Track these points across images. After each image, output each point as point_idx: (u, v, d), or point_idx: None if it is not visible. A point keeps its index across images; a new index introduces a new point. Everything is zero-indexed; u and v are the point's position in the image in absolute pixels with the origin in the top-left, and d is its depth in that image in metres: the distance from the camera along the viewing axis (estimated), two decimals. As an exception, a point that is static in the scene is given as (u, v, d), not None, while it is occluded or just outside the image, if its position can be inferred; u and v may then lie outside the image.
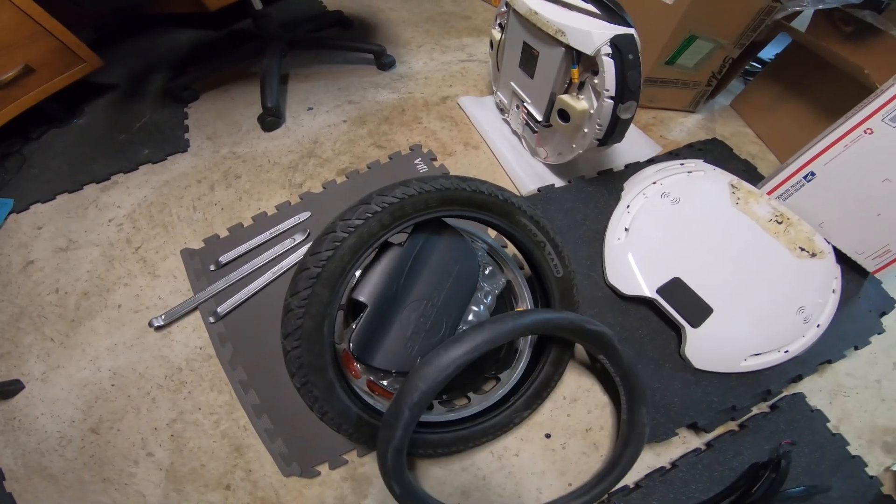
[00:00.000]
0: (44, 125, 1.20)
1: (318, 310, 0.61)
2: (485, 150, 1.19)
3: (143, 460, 0.78)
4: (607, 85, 0.82)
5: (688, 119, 1.33)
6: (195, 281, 0.93)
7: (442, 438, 0.75)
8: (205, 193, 1.08)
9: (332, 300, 0.62)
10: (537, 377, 0.82)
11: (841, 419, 0.88)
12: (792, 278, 0.90)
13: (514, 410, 0.80)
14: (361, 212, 0.61)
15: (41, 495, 0.75)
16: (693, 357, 0.85)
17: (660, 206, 0.96)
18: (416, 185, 0.65)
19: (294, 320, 0.60)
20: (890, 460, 0.85)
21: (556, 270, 0.78)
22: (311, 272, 0.60)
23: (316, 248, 0.61)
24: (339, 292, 0.62)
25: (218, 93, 1.30)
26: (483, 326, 0.61)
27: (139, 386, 0.84)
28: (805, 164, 0.96)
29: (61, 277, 0.96)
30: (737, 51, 1.17)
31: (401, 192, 0.64)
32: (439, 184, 0.66)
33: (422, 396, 0.57)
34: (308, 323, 0.61)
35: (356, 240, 0.61)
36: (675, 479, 0.78)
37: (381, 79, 1.35)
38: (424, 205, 0.65)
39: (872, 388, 0.93)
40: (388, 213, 0.63)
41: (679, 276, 0.89)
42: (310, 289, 0.60)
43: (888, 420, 0.89)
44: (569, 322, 0.70)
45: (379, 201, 0.62)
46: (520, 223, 0.74)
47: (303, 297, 0.60)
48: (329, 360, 0.64)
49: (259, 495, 0.76)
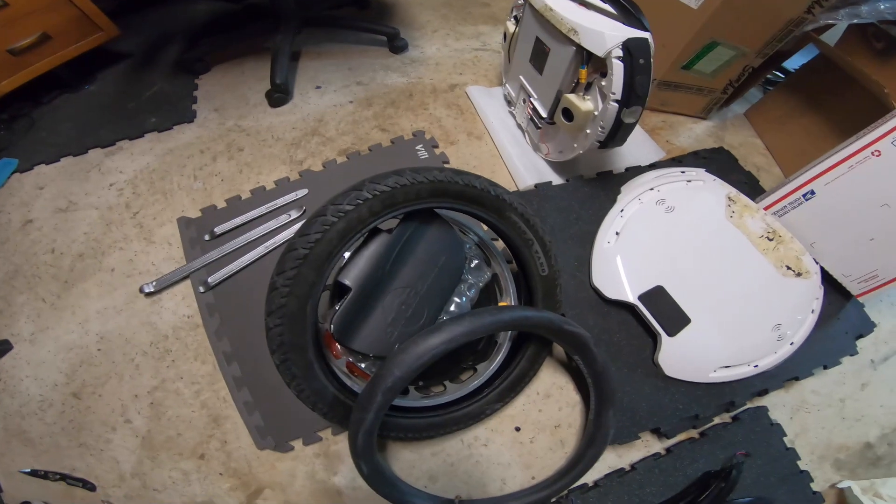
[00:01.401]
0: (56, 90, 1.15)
1: (302, 290, 0.59)
2: (487, 142, 1.13)
3: (121, 427, 0.76)
4: (614, 88, 0.77)
5: (698, 125, 1.26)
6: (189, 249, 0.90)
7: (415, 423, 0.73)
8: (207, 164, 1.04)
9: (316, 282, 0.60)
10: (513, 371, 0.80)
11: (798, 434, 0.87)
12: (773, 296, 0.87)
13: (487, 402, 0.78)
14: (353, 198, 0.59)
15: (17, 459, 0.73)
16: (665, 364, 0.83)
17: (653, 214, 0.92)
18: (410, 175, 0.62)
19: (278, 299, 0.59)
20: (838, 477, 0.85)
21: (542, 269, 0.76)
22: (298, 253, 0.58)
23: (305, 230, 0.59)
24: (325, 275, 0.60)
25: (229, 66, 1.24)
26: (462, 318, 0.59)
27: (124, 352, 0.81)
28: (807, 181, 0.91)
29: (58, 238, 0.92)
30: (758, 60, 1.09)
31: (393, 181, 0.61)
32: (432, 175, 0.64)
33: (395, 382, 0.56)
34: (292, 302, 0.59)
35: (345, 225, 0.59)
36: (632, 481, 0.78)
37: (393, 62, 1.28)
38: (416, 195, 0.63)
39: (836, 406, 0.91)
40: (379, 200, 0.60)
41: (662, 285, 0.85)
42: (296, 269, 0.58)
43: (844, 438, 0.89)
44: (547, 321, 0.68)
45: (371, 188, 0.60)
46: (510, 220, 0.71)
47: (288, 277, 0.58)
48: (310, 340, 0.62)
49: (232, 466, 0.74)
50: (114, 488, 0.71)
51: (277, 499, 0.72)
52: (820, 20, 0.96)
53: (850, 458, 0.87)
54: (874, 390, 0.93)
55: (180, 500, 0.71)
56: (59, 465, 0.72)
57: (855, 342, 0.96)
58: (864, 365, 0.95)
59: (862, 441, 0.89)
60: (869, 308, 0.98)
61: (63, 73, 1.10)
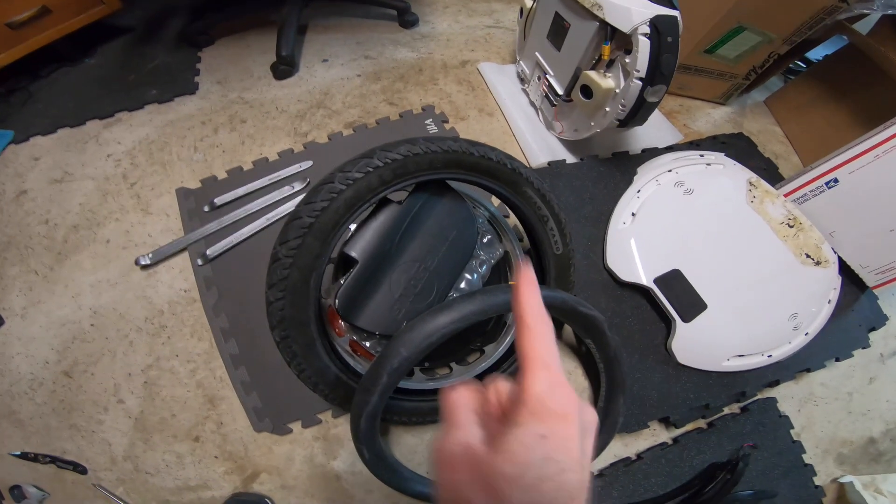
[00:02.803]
0: (54, 64, 1.08)
1: (306, 262, 0.53)
2: (499, 119, 1.06)
3: (114, 407, 0.70)
4: (638, 66, 0.72)
5: (716, 111, 1.19)
6: (187, 221, 0.82)
7: (419, 407, 0.67)
8: (208, 135, 0.96)
9: (322, 253, 0.54)
10: None
11: (805, 427, 0.83)
12: (791, 284, 0.81)
13: None
14: (362, 165, 0.53)
15: (6, 441, 0.67)
16: (678, 351, 0.77)
17: (672, 195, 0.84)
18: (423, 143, 0.56)
19: (280, 270, 0.53)
20: (840, 472, 0.82)
21: (556, 247, 0.69)
22: (303, 221, 0.52)
23: (311, 198, 0.52)
24: (331, 245, 0.54)
25: (233, 39, 1.16)
26: (473, 296, 0.53)
27: (118, 327, 0.75)
28: (831, 169, 0.84)
29: (52, 209, 0.85)
30: (785, 47, 1.02)
31: (405, 149, 0.55)
32: (447, 145, 0.57)
33: (402, 363, 0.49)
34: (295, 274, 0.53)
35: (353, 193, 0.53)
36: (638, 471, 0.74)
37: (402, 36, 1.20)
38: (429, 165, 0.57)
39: (843, 399, 0.87)
40: (390, 169, 0.54)
41: (679, 268, 0.79)
42: (300, 238, 0.52)
43: (849, 433, 0.85)
44: (561, 301, 0.61)
45: (382, 156, 0.54)
46: (525, 194, 0.64)
47: (292, 247, 0.52)
48: (312, 315, 0.56)
49: (228, 449, 0.68)
50: (105, 471, 0.66)
51: (274, 483, 0.67)
52: (854, 9, 0.90)
53: (852, 452, 0.83)
54: (881, 385, 0.89)
55: (174, 483, 0.66)
56: (50, 448, 0.67)
57: (868, 334, 0.91)
58: (872, 359, 0.91)
59: (866, 436, 0.85)
60: (882, 301, 0.94)
61: (62, 47, 1.03)
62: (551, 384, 0.24)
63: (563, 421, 0.23)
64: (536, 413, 0.23)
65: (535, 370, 0.24)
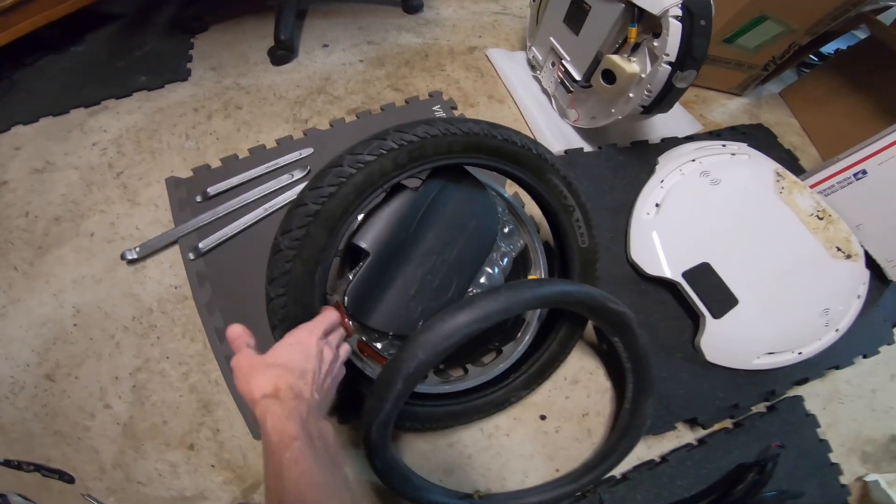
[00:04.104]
0: (40, 51, 1.02)
1: (311, 253, 0.48)
2: (510, 106, 1.02)
3: (100, 413, 0.64)
4: (668, 49, 0.69)
5: (732, 101, 1.17)
6: (178, 212, 0.77)
7: (431, 412, 0.63)
8: (200, 122, 0.90)
9: (328, 244, 0.48)
10: (542, 356, 0.69)
11: (830, 425, 0.81)
12: (823, 278, 0.78)
13: (512, 389, 0.68)
14: (375, 147, 0.48)
15: None
16: (707, 349, 0.73)
17: (697, 186, 0.81)
18: (441, 124, 0.51)
19: (282, 263, 0.47)
20: (864, 470, 0.80)
21: (582, 240, 0.65)
22: (307, 209, 0.46)
23: (317, 183, 0.47)
24: (338, 236, 0.49)
25: (229, 25, 1.10)
26: (497, 293, 0.49)
27: (103, 327, 0.69)
28: (859, 160, 0.82)
29: (33, 200, 0.79)
30: (807, 38, 1.00)
31: (423, 130, 0.50)
32: (467, 127, 0.52)
33: (419, 367, 0.45)
34: (298, 268, 0.48)
35: (364, 178, 0.48)
36: (663, 474, 0.70)
37: (406, 22, 1.15)
38: (447, 148, 0.52)
39: (867, 397, 0.85)
40: (406, 151, 0.49)
41: (708, 262, 0.75)
42: (304, 228, 0.47)
43: (872, 430, 0.83)
44: (590, 297, 0.57)
45: (396, 138, 0.49)
46: (550, 182, 0.60)
47: (295, 238, 0.47)
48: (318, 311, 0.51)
49: (225, 457, 0.63)
50: (94, 481, 0.60)
51: (276, 494, 0.61)
52: (880, 1, 0.90)
53: (876, 451, 0.81)
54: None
55: (168, 494, 0.60)
56: (33, 455, 0.61)
57: (893, 330, 0.88)
58: (893, 355, 0.88)
59: (888, 434, 0.83)
60: None
61: (48, 34, 0.97)
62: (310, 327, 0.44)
63: (306, 338, 0.42)
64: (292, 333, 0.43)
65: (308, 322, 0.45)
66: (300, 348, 0.41)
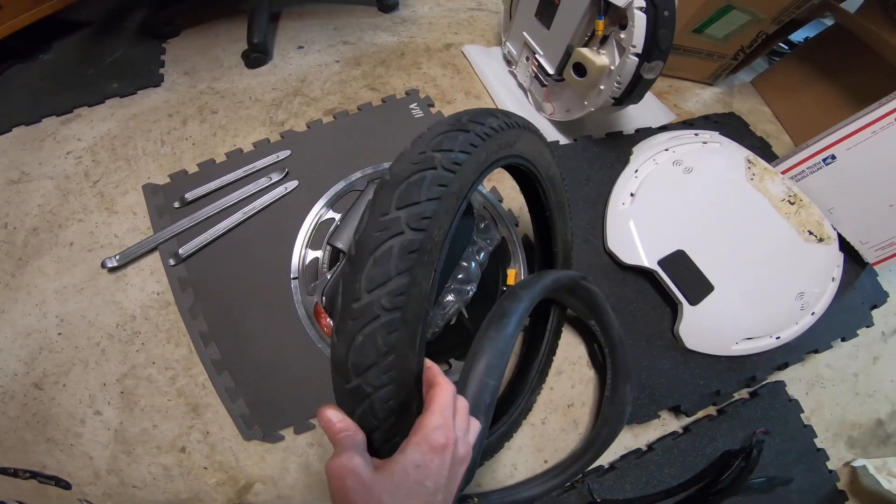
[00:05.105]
0: (7, 61, 1.04)
1: (416, 311, 0.34)
2: (486, 101, 1.07)
3: (91, 419, 0.68)
4: (634, 41, 0.73)
5: (705, 91, 1.23)
6: (156, 219, 0.80)
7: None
8: (175, 128, 0.94)
9: (432, 290, 0.36)
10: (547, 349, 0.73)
11: (814, 411, 0.85)
12: (796, 262, 0.82)
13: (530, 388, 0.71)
14: (463, 142, 0.38)
15: None
16: (686, 336, 0.78)
17: (670, 174, 0.86)
18: (503, 117, 0.45)
19: (384, 336, 0.32)
20: (851, 455, 0.84)
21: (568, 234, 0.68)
22: (409, 243, 0.32)
23: (412, 198, 0.34)
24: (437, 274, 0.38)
25: (201, 29, 1.13)
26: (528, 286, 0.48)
27: (88, 335, 0.72)
28: (828, 146, 0.87)
29: (10, 211, 0.82)
30: (773, 27, 1.06)
31: (500, 121, 0.43)
32: (523, 122, 0.49)
33: (491, 393, 0.40)
34: (403, 336, 0.33)
35: (460, 184, 0.37)
36: (650, 463, 0.75)
37: (382, 21, 1.19)
38: (507, 144, 0.46)
39: (849, 381, 0.90)
40: (485, 149, 0.41)
41: (683, 249, 0.80)
42: (407, 273, 0.32)
43: (857, 415, 0.87)
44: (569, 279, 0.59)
45: (480, 130, 0.40)
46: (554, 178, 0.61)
47: (397, 293, 0.32)
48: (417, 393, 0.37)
49: (217, 459, 0.66)
50: (90, 486, 0.64)
51: (270, 493, 0.66)
52: None
53: (862, 435, 0.86)
54: (885, 364, 0.92)
55: (163, 497, 0.64)
56: (29, 463, 0.65)
57: (870, 312, 0.94)
58: (875, 338, 0.94)
59: (874, 418, 0.88)
60: (882, 278, 0.97)
61: (14, 43, 0.99)
62: (439, 424, 0.31)
63: (438, 454, 0.31)
64: (420, 444, 0.31)
65: (432, 414, 0.32)
66: (429, 469, 0.30)
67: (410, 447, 0.31)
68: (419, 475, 0.30)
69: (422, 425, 0.31)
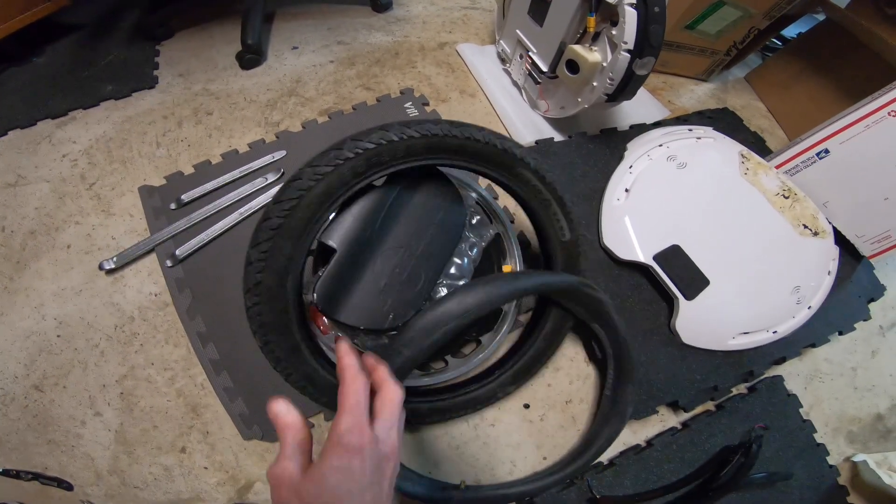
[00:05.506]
0: (0, 64, 1.06)
1: (279, 264, 0.53)
2: (481, 99, 1.08)
3: (91, 420, 0.69)
4: (626, 37, 0.73)
5: (699, 87, 1.25)
6: (153, 220, 0.81)
7: (417, 409, 0.68)
8: (171, 129, 0.95)
9: (294, 254, 0.53)
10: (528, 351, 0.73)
11: (813, 405, 0.86)
12: (792, 256, 0.84)
13: (499, 384, 0.72)
14: (332, 158, 0.52)
15: None
16: (682, 331, 0.79)
17: (665, 170, 0.87)
18: (398, 129, 0.55)
19: (254, 274, 0.53)
20: (851, 450, 0.85)
21: (563, 234, 0.68)
22: (272, 223, 0.51)
23: (279, 196, 0.52)
24: (305, 246, 0.54)
25: (195, 31, 1.15)
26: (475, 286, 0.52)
27: (87, 337, 0.74)
28: (821, 140, 0.89)
29: (8, 215, 0.84)
30: (765, 22, 1.07)
31: (378, 136, 0.54)
32: (425, 129, 0.56)
33: (404, 363, 0.49)
34: (268, 278, 0.53)
35: (324, 188, 0.52)
36: (650, 459, 0.75)
37: (376, 20, 1.21)
38: (406, 152, 0.56)
39: (847, 375, 0.91)
40: (363, 159, 0.53)
41: (678, 244, 0.81)
42: (270, 241, 0.52)
43: (856, 409, 0.88)
44: (567, 284, 0.62)
45: (352, 147, 0.53)
46: (522, 177, 0.63)
47: (262, 250, 0.52)
48: (294, 318, 0.56)
49: (217, 459, 0.68)
50: (92, 487, 0.66)
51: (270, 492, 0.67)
52: None
53: (862, 430, 0.87)
54: (884, 358, 0.93)
55: (165, 497, 0.66)
56: (30, 464, 0.66)
57: (867, 306, 0.95)
58: (873, 331, 0.95)
59: (873, 413, 0.89)
60: (878, 271, 0.98)
61: (7, 47, 1.01)
62: (351, 426, 0.33)
63: (356, 455, 0.32)
64: (335, 448, 0.32)
65: (342, 415, 0.34)
66: (351, 472, 0.32)
67: (328, 451, 0.33)
68: (340, 478, 0.32)
69: (334, 428, 0.34)
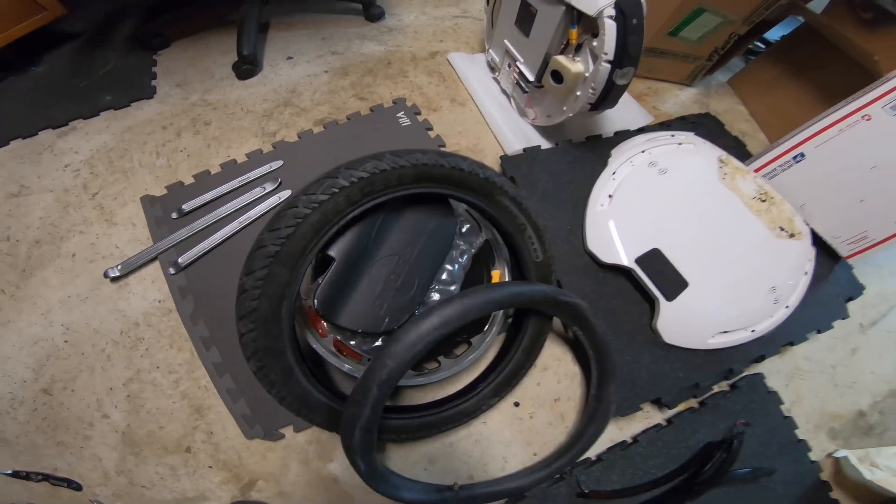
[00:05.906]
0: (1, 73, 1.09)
1: (275, 291, 0.55)
2: (471, 108, 1.12)
3: (99, 422, 0.73)
4: (606, 49, 0.77)
5: (683, 92, 1.29)
6: (155, 229, 0.86)
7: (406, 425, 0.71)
8: (170, 140, 0.99)
9: (290, 281, 0.56)
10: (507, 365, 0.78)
11: (794, 402, 0.89)
12: (768, 257, 0.88)
13: (481, 398, 0.76)
14: (327, 186, 0.56)
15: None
16: (664, 331, 0.83)
17: (646, 176, 0.91)
18: (390, 159, 0.59)
19: (249, 301, 0.54)
20: (833, 446, 0.87)
21: (536, 255, 0.74)
22: (268, 250, 0.54)
23: (275, 224, 0.55)
24: (300, 273, 0.57)
25: (191, 41, 1.19)
26: (453, 300, 0.58)
27: (93, 342, 0.78)
28: (797, 144, 0.92)
29: (12, 224, 0.87)
30: (744, 28, 1.11)
31: (372, 165, 0.58)
32: (415, 158, 0.60)
33: (391, 373, 0.54)
34: (264, 305, 0.55)
35: (320, 217, 0.55)
36: (636, 454, 0.78)
37: (369, 30, 1.25)
38: (398, 181, 0.60)
39: (827, 373, 0.93)
40: (357, 188, 0.57)
41: (659, 248, 0.85)
42: (266, 269, 0.54)
43: (837, 406, 0.91)
44: (542, 294, 0.67)
45: (347, 175, 0.56)
46: (500, 204, 0.68)
47: (258, 278, 0.55)
48: (287, 342, 0.59)
49: (221, 458, 0.72)
50: (100, 487, 0.69)
51: (272, 490, 0.71)
52: None
53: (843, 426, 0.89)
54: (864, 356, 0.96)
55: (171, 496, 0.69)
56: (40, 466, 0.70)
57: (846, 305, 0.98)
58: (853, 330, 0.98)
59: (854, 409, 0.91)
60: (857, 270, 1.01)
61: (6, 56, 1.04)
62: None
63: None
64: None
65: None
66: None
67: None
68: None
69: None
